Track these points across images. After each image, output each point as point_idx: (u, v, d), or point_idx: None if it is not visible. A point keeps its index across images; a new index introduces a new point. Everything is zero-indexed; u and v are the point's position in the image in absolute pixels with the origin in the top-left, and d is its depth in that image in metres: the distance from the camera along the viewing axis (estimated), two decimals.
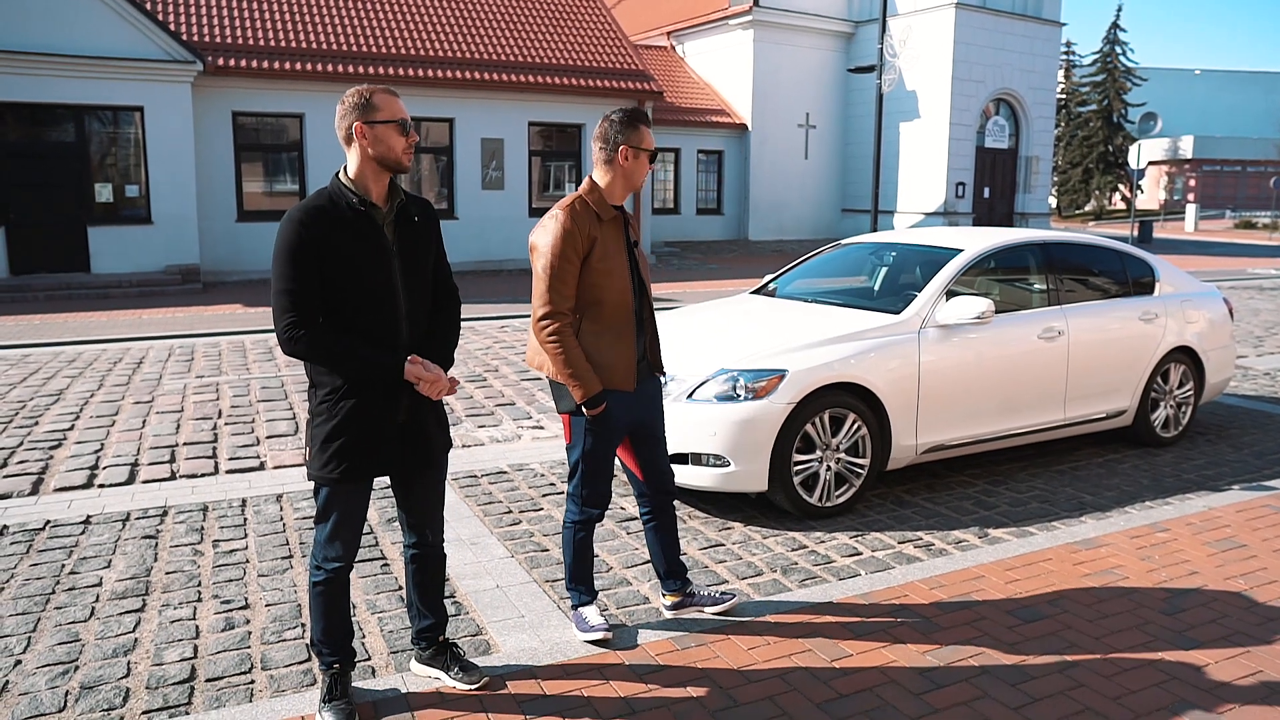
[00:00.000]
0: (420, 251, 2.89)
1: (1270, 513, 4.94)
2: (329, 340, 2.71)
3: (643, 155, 3.34)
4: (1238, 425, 7.09)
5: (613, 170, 3.33)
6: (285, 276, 2.67)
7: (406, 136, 2.77)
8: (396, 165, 2.78)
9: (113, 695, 3.17)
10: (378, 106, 2.73)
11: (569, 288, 3.25)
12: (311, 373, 2.84)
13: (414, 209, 2.90)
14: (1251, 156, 55.00)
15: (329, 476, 2.82)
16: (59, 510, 5.00)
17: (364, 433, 2.80)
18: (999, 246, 5.79)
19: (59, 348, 10.18)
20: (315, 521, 2.94)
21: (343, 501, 2.87)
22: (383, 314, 2.79)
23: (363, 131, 2.72)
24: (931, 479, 5.66)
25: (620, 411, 3.39)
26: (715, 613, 3.68)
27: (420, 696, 3.08)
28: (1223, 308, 6.75)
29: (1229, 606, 3.81)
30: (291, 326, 2.68)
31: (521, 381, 8.49)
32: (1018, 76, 26.13)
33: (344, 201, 2.75)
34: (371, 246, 2.76)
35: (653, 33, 28.75)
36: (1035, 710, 3.03)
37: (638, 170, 3.35)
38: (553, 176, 20.45)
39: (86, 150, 15.34)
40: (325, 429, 2.80)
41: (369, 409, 2.80)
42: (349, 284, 2.72)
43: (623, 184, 3.36)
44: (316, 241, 2.67)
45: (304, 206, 2.71)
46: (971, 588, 3.96)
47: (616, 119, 3.34)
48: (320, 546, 2.92)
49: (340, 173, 2.81)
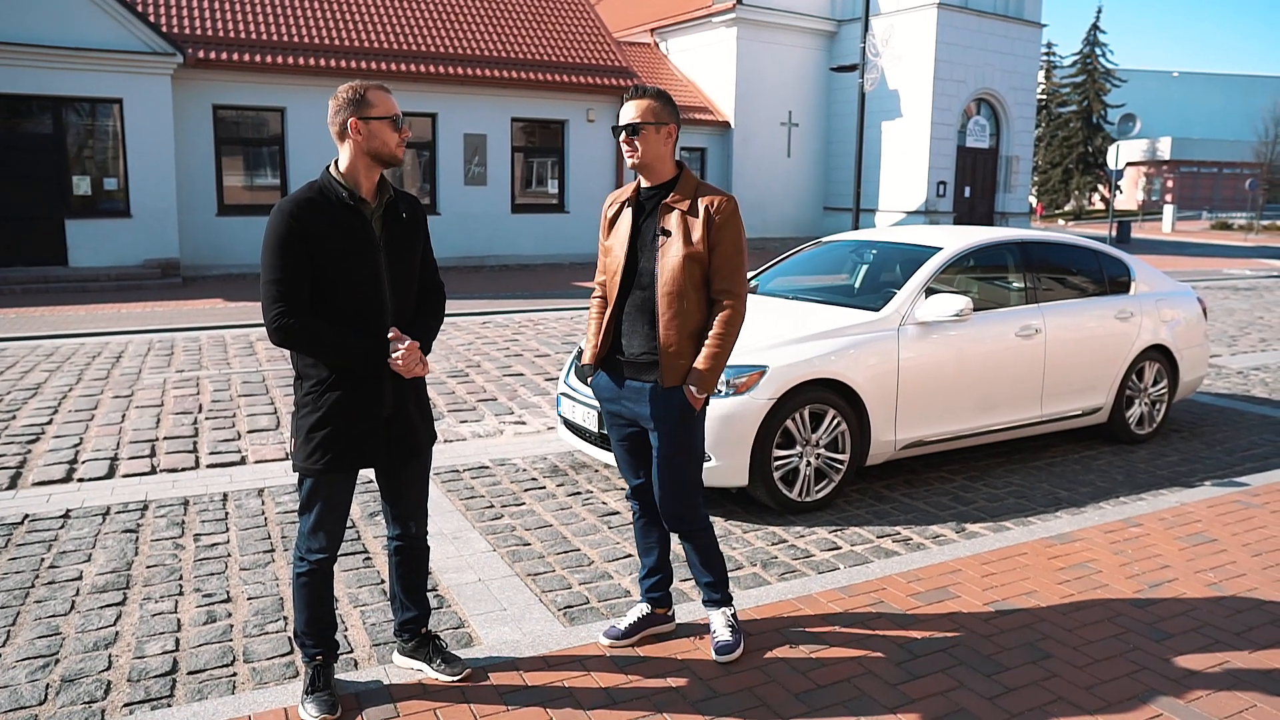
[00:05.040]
0: (406, 247, 2.92)
1: (1241, 508, 5.03)
2: (317, 329, 2.74)
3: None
4: (1210, 423, 7.20)
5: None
6: (274, 267, 2.70)
7: (399, 132, 2.81)
8: (390, 160, 2.82)
9: (94, 688, 3.17)
10: (372, 102, 2.77)
11: (599, 262, 3.35)
12: (298, 364, 2.87)
13: (402, 205, 2.93)
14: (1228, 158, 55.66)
15: (313, 467, 2.84)
16: (38, 504, 4.97)
17: (349, 424, 2.83)
18: (978, 245, 5.86)
19: (36, 341, 10.09)
20: (299, 513, 2.95)
21: (326, 493, 2.89)
22: (368, 306, 2.82)
23: (357, 127, 2.75)
24: (910, 475, 5.72)
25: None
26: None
27: (403, 688, 3.10)
28: (1197, 307, 6.85)
29: (1199, 600, 3.88)
30: (280, 316, 2.71)
31: (504, 377, 8.50)
32: (999, 77, 26.30)
33: (334, 195, 2.78)
34: (359, 240, 2.79)
35: (636, 29, 28.72)
36: (1009, 700, 3.08)
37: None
38: (535, 172, 20.43)
39: (64, 142, 15.19)
40: (310, 420, 2.83)
41: (354, 400, 2.83)
42: (336, 276, 2.76)
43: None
44: (305, 233, 2.70)
45: (294, 198, 2.74)
46: (948, 581, 4.01)
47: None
48: (304, 538, 2.94)
49: (331, 166, 2.83)
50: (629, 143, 3.14)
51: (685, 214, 3.13)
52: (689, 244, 3.09)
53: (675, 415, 3.16)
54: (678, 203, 3.15)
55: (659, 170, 3.20)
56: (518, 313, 12.78)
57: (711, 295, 3.15)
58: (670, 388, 3.14)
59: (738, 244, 3.13)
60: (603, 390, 3.36)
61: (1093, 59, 52.09)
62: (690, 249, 3.09)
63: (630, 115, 3.12)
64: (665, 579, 3.50)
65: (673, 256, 3.09)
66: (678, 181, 3.21)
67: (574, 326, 11.64)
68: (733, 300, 3.13)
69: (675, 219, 3.13)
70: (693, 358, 3.13)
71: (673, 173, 3.23)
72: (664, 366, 3.12)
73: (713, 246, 3.10)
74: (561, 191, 20.52)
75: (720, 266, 3.12)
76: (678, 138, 3.20)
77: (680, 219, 3.13)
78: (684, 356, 3.13)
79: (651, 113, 3.12)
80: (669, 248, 3.11)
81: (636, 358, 3.20)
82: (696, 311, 3.13)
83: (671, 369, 3.12)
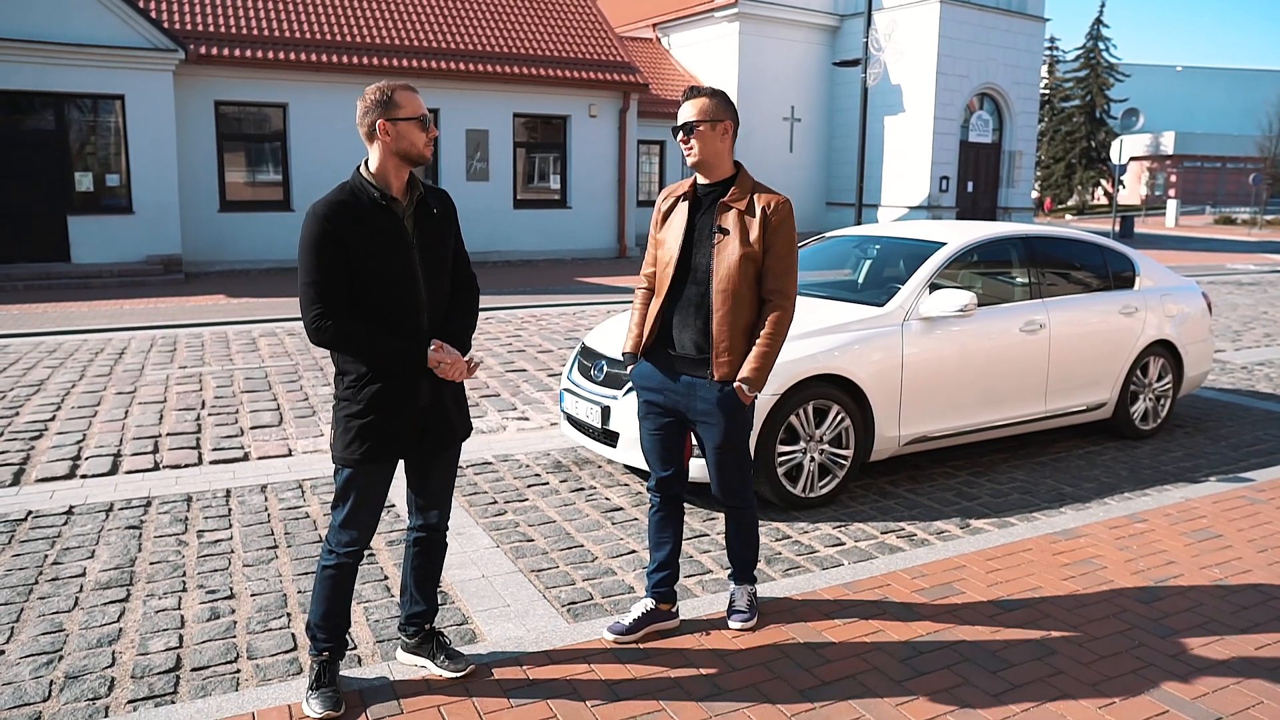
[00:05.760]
0: (439, 243, 2.96)
1: (1246, 504, 5.02)
2: (354, 330, 2.78)
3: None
4: (1215, 418, 7.18)
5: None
6: (311, 269, 2.74)
7: (426, 131, 2.85)
8: (418, 160, 2.86)
9: (98, 685, 3.17)
10: (399, 103, 2.80)
11: (648, 254, 3.42)
12: (338, 360, 2.92)
13: (433, 201, 2.97)
14: (1232, 153, 55.47)
15: (351, 457, 2.88)
16: (41, 501, 4.97)
17: (388, 416, 2.88)
18: (982, 240, 5.84)
19: (39, 338, 10.10)
20: (333, 506, 2.99)
21: (363, 484, 2.93)
22: (404, 304, 2.86)
23: (385, 128, 2.78)
24: (914, 470, 5.71)
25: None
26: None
27: (407, 684, 3.09)
28: (1201, 302, 6.83)
29: (1205, 595, 3.87)
30: (319, 317, 2.75)
31: (507, 373, 8.49)
32: (1002, 71, 26.24)
33: (365, 196, 2.81)
34: (392, 239, 2.82)
35: (638, 25, 28.68)
36: (1015, 696, 3.07)
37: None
38: (537, 168, 20.40)
39: (66, 139, 15.18)
40: (350, 411, 2.88)
41: (392, 393, 2.87)
42: (371, 275, 2.80)
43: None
44: (339, 234, 2.74)
45: (326, 200, 2.78)
46: (953, 577, 4.00)
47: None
48: (335, 531, 2.97)
49: (361, 167, 2.87)
50: (686, 141, 3.22)
51: (743, 213, 3.20)
52: (746, 243, 3.17)
53: (726, 409, 3.24)
54: (735, 201, 3.22)
55: (717, 167, 3.27)
56: (520, 308, 12.77)
57: (762, 294, 3.23)
58: (721, 382, 3.22)
59: (791, 245, 3.22)
60: (645, 379, 3.41)
61: (1096, 53, 51.94)
62: (747, 249, 3.16)
63: (687, 115, 3.22)
64: (673, 575, 3.52)
65: (729, 255, 3.17)
66: (735, 180, 3.28)
67: (577, 322, 11.63)
68: (785, 301, 3.22)
69: (733, 218, 3.20)
70: (744, 354, 3.21)
71: (730, 170, 3.31)
72: (717, 363, 3.20)
73: (768, 247, 3.19)
74: (564, 187, 20.49)
75: (774, 267, 3.20)
76: (735, 135, 3.28)
77: (738, 218, 3.20)
78: (736, 353, 3.20)
79: (707, 111, 3.20)
80: (726, 246, 3.19)
81: (689, 353, 3.28)
82: (749, 309, 3.21)
83: (725, 365, 3.20)
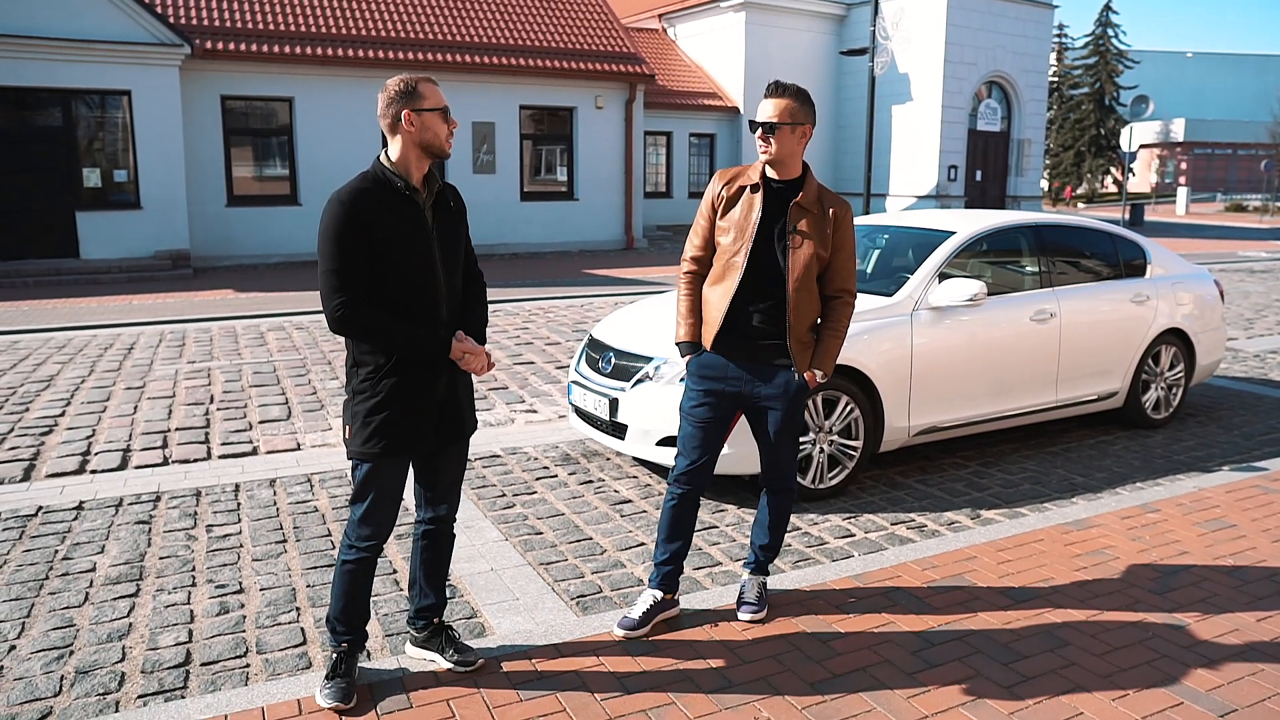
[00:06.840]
0: (455, 236, 2.97)
1: (1259, 493, 4.98)
2: (377, 319, 2.78)
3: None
4: (1228, 407, 7.13)
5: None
6: (332, 256, 2.73)
7: (449, 123, 2.85)
8: (441, 151, 2.86)
9: (108, 679, 3.17)
10: (423, 95, 2.80)
11: (696, 237, 3.52)
12: (355, 352, 2.90)
13: (449, 195, 2.98)
14: (1243, 140, 55.08)
15: (370, 452, 2.87)
16: (51, 496, 4.98)
17: (405, 409, 2.87)
18: (991, 229, 5.79)
19: (49, 334, 10.13)
20: (351, 501, 2.99)
21: (382, 478, 2.92)
22: (423, 295, 2.86)
23: (410, 119, 2.78)
24: (924, 461, 5.68)
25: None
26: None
27: (416, 677, 3.09)
28: (1213, 290, 6.78)
29: (1218, 586, 3.84)
30: (342, 306, 2.74)
31: (514, 365, 8.48)
32: (1010, 59, 26.07)
33: (388, 185, 2.81)
34: (414, 229, 2.82)
35: (644, 15, 28.58)
36: (1027, 689, 3.05)
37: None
38: (544, 160, 20.36)
39: (74, 135, 15.20)
40: (367, 405, 2.86)
41: (410, 386, 2.87)
42: (389, 266, 2.79)
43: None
44: (362, 222, 2.73)
45: (350, 188, 2.77)
46: (964, 568, 3.98)
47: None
48: (354, 526, 2.97)
49: (381, 156, 2.86)
50: (764, 139, 3.29)
51: (814, 216, 3.36)
52: (817, 245, 3.36)
53: (795, 396, 3.44)
54: (809, 204, 3.37)
55: (789, 167, 3.38)
56: (528, 300, 12.75)
57: (825, 291, 3.46)
58: (790, 371, 3.42)
59: (853, 247, 3.48)
60: (709, 368, 3.46)
61: (1105, 40, 51.52)
62: (819, 250, 3.36)
63: (768, 113, 3.28)
64: (679, 568, 3.54)
65: (803, 254, 3.34)
66: (804, 181, 3.40)
67: (584, 314, 11.61)
68: (851, 298, 3.49)
69: (806, 220, 3.36)
70: (813, 344, 3.45)
71: (799, 170, 3.41)
72: (795, 353, 3.39)
73: (836, 248, 3.41)
74: (570, 179, 20.45)
75: (840, 267, 3.43)
76: (810, 137, 3.39)
77: (810, 221, 3.36)
78: (807, 344, 3.43)
79: (789, 113, 3.28)
80: (801, 246, 3.35)
81: (764, 341, 3.41)
82: (817, 303, 3.45)
83: (800, 355, 3.41)
